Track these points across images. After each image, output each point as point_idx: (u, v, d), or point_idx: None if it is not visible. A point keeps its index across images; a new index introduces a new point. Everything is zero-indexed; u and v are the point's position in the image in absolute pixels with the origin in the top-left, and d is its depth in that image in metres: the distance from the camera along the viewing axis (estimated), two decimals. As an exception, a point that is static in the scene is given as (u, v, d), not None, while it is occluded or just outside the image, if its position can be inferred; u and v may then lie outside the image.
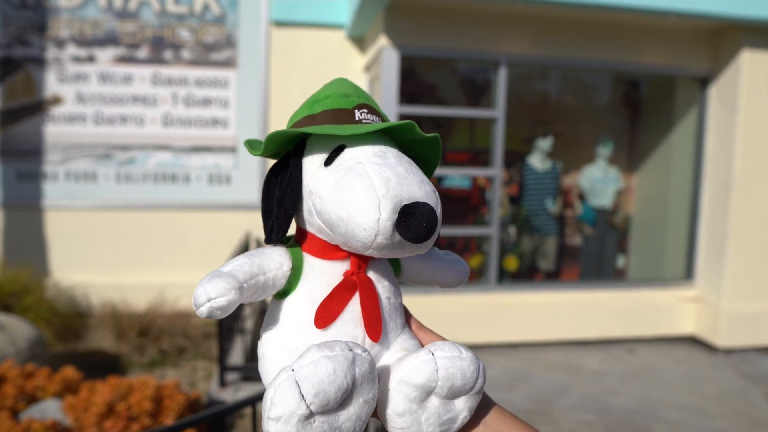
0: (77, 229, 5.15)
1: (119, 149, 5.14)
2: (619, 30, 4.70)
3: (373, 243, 0.53)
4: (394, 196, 0.52)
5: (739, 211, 4.71)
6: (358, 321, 0.59)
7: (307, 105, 0.64)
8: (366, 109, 0.62)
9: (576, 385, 4.04)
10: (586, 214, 5.68)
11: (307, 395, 0.46)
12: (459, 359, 0.54)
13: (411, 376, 0.53)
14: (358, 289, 0.59)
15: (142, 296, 4.80)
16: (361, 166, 0.55)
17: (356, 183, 0.54)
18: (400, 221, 0.52)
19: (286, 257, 0.60)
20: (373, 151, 0.58)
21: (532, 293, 4.91)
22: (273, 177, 0.62)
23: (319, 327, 0.57)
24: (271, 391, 0.47)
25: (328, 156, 0.59)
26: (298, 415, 0.46)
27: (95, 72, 5.07)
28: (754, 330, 4.77)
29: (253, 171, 5.31)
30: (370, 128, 0.57)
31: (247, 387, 3.49)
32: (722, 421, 3.54)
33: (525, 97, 6.08)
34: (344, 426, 0.50)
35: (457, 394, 0.54)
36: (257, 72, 5.24)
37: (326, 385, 0.47)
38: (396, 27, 4.36)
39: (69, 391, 2.95)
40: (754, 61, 4.61)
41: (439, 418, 0.54)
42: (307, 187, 0.59)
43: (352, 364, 0.49)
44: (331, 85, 0.65)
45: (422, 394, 0.53)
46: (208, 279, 0.54)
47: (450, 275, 0.73)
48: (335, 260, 0.60)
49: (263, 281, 0.58)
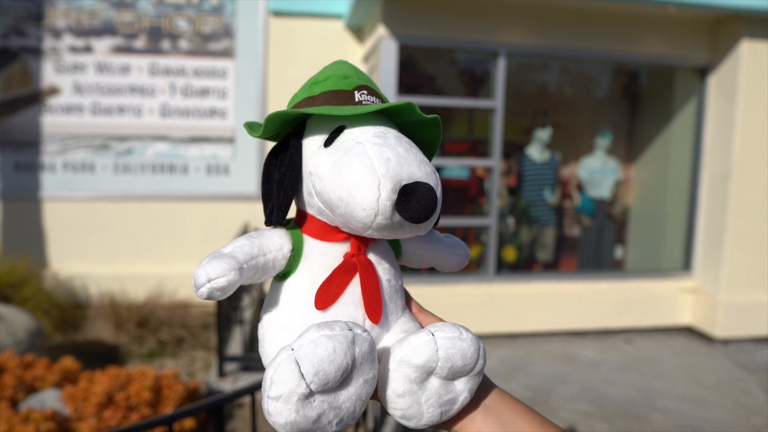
0: (75, 219, 5.14)
1: (117, 140, 5.13)
2: (618, 20, 4.68)
3: (373, 223, 0.53)
4: (393, 176, 0.52)
5: (738, 202, 4.71)
6: (359, 303, 0.59)
7: (307, 86, 0.64)
8: (366, 91, 0.61)
9: (574, 374, 4.06)
10: (585, 205, 5.69)
11: (307, 374, 0.46)
12: (459, 340, 0.54)
13: (411, 357, 0.53)
14: (358, 270, 0.59)
15: (140, 287, 4.81)
16: (361, 146, 0.55)
17: (356, 163, 0.53)
18: (399, 201, 0.52)
19: (286, 239, 0.60)
20: (373, 131, 0.57)
21: (531, 284, 4.92)
22: (272, 159, 0.62)
23: (319, 308, 0.57)
24: (270, 370, 0.47)
25: (327, 137, 0.58)
26: (297, 394, 0.46)
27: (92, 62, 5.04)
28: (751, 320, 4.79)
29: (252, 161, 5.30)
30: (369, 108, 0.57)
31: (246, 377, 3.50)
32: (719, 411, 3.56)
33: (524, 87, 6.06)
34: (344, 405, 0.50)
35: (457, 375, 0.54)
36: (255, 62, 5.22)
37: (326, 364, 0.47)
38: (395, 17, 4.34)
39: (68, 381, 2.95)
40: (753, 51, 4.59)
41: (439, 399, 0.54)
42: (306, 168, 0.59)
43: (351, 343, 0.49)
44: (331, 67, 0.64)
45: (422, 374, 0.53)
46: (208, 260, 0.54)
47: (451, 258, 0.73)
48: (335, 242, 0.60)
49: (263, 262, 0.58)
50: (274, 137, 0.65)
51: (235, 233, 5.14)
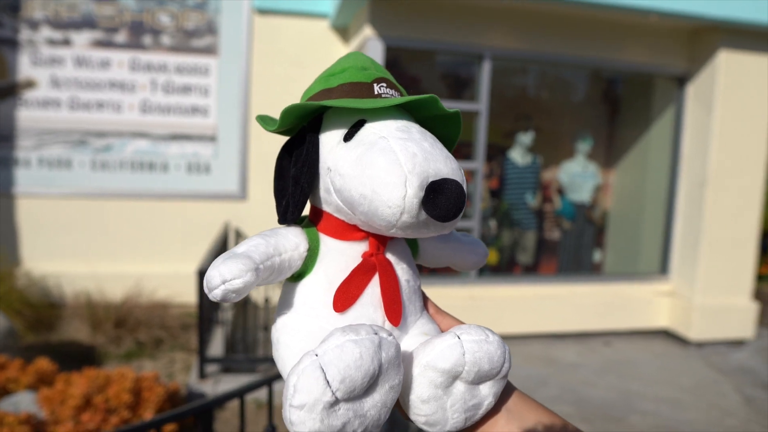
0: (50, 217, 5.02)
1: (95, 136, 5.02)
2: (601, 27, 4.74)
3: (398, 222, 0.51)
4: (420, 173, 0.50)
5: (714, 208, 4.81)
6: (378, 304, 0.57)
7: (323, 79, 0.61)
8: (385, 83, 0.59)
9: (554, 376, 4.10)
10: (565, 209, 5.75)
11: (333, 381, 0.44)
12: (486, 343, 0.52)
13: (437, 361, 0.51)
14: (377, 271, 0.57)
15: (118, 286, 4.72)
16: (385, 141, 0.52)
17: (380, 158, 0.51)
18: (427, 198, 0.50)
19: (302, 238, 0.58)
20: (395, 125, 0.55)
21: (512, 286, 4.96)
22: (286, 154, 0.60)
23: (337, 310, 0.55)
24: (293, 377, 0.44)
25: (347, 131, 0.56)
26: (323, 403, 0.44)
27: (71, 55, 4.93)
28: (725, 323, 4.89)
29: (234, 161, 5.23)
30: (392, 102, 0.54)
31: (227, 378, 3.45)
32: (695, 412, 3.62)
33: (507, 91, 6.10)
34: (369, 413, 0.47)
35: (483, 379, 0.52)
36: (239, 60, 5.16)
37: (352, 371, 0.45)
38: (381, 17, 4.33)
39: (43, 383, 2.88)
40: (730, 61, 4.69)
41: (464, 404, 0.52)
42: (325, 164, 0.56)
43: (378, 348, 0.47)
44: (348, 59, 0.62)
45: (448, 379, 0.51)
46: (222, 260, 0.51)
47: (470, 257, 0.71)
48: (353, 241, 0.58)
49: (279, 262, 0.55)
50: (288, 132, 0.62)
51: (217, 233, 5.08)
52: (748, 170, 4.86)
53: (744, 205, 4.89)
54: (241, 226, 5.24)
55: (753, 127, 4.82)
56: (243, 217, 5.28)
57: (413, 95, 0.57)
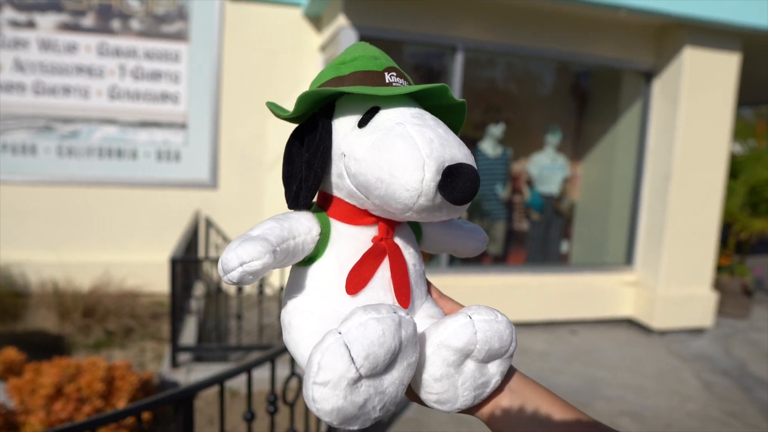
0: (14, 204, 4.88)
1: (61, 122, 4.90)
2: (571, 22, 4.83)
3: (415, 204, 0.52)
4: (437, 157, 0.51)
5: (677, 201, 4.96)
6: (388, 287, 0.58)
7: (333, 67, 0.62)
8: (395, 73, 0.61)
9: (522, 365, 4.19)
10: (534, 200, 5.85)
11: (357, 358, 0.45)
12: (495, 322, 0.54)
13: (450, 340, 0.52)
14: (387, 254, 0.59)
15: (86, 275, 4.63)
16: (402, 126, 0.54)
17: (399, 143, 0.52)
18: (444, 182, 0.51)
19: (314, 222, 0.59)
20: (410, 112, 0.57)
21: (481, 276, 5.04)
22: (296, 141, 0.61)
23: (350, 293, 0.57)
24: (317, 355, 0.46)
25: (361, 118, 0.57)
26: (347, 379, 0.45)
27: (35, 38, 4.79)
28: (686, 313, 5.07)
29: (204, 148, 5.17)
30: (407, 89, 0.56)
31: (199, 367, 3.44)
32: (658, 398, 3.76)
33: (477, 83, 6.16)
34: (388, 390, 0.49)
35: (493, 357, 0.54)
36: (210, 47, 5.09)
37: (375, 347, 0.46)
38: (355, 7, 4.32)
39: (11, 373, 2.82)
40: (695, 58, 4.83)
41: (474, 382, 0.54)
42: (338, 149, 0.58)
43: (398, 326, 0.48)
44: (357, 48, 0.63)
45: (460, 357, 0.53)
46: (238, 242, 0.52)
47: (471, 243, 0.73)
48: (363, 225, 0.59)
49: (293, 246, 0.56)
50: (296, 119, 0.63)
51: (187, 222, 5.02)
52: (710, 165, 5.03)
53: (706, 199, 5.06)
54: (212, 214, 5.19)
55: (716, 123, 4.98)
56: (214, 205, 5.23)
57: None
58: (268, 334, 4.03)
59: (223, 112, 5.16)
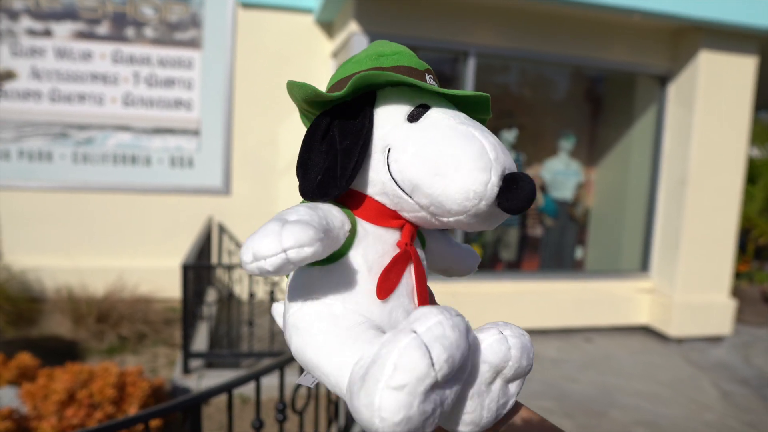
0: (31, 210, 4.94)
1: (76, 128, 4.95)
2: (585, 26, 4.79)
3: (474, 208, 0.50)
4: (502, 162, 0.50)
5: (693, 206, 4.89)
6: (411, 294, 0.55)
7: (371, 57, 0.59)
8: (432, 75, 0.59)
9: (536, 372, 4.14)
10: (548, 206, 5.81)
11: (438, 360, 0.40)
12: (523, 337, 0.51)
13: (486, 354, 0.48)
14: (412, 260, 0.56)
15: (99, 281, 4.67)
16: (465, 126, 0.52)
17: (467, 144, 0.50)
18: (508, 189, 0.49)
19: (344, 216, 0.54)
20: (462, 116, 0.55)
21: (494, 282, 5.00)
22: (323, 126, 0.56)
23: (381, 297, 0.52)
24: (393, 355, 0.39)
25: (411, 112, 0.55)
26: (425, 384, 0.39)
27: (52, 47, 4.85)
28: (703, 320, 4.99)
29: (217, 154, 5.20)
30: (464, 92, 0.55)
31: (211, 374, 3.44)
32: (674, 407, 3.69)
33: (490, 89, 6.13)
34: (447, 401, 0.43)
35: (518, 375, 0.51)
36: (222, 53, 5.12)
37: (454, 350, 0.41)
38: (367, 13, 4.33)
39: (25, 378, 2.85)
40: (711, 62, 4.77)
41: (497, 401, 0.50)
42: (381, 142, 0.54)
43: (467, 330, 0.44)
44: (390, 44, 0.60)
45: (492, 375, 0.49)
46: (279, 227, 0.45)
47: (469, 261, 0.72)
48: (389, 227, 0.56)
49: (332, 238, 0.50)
50: (314, 104, 0.60)
51: (200, 228, 5.04)
52: (727, 169, 4.95)
53: (723, 204, 4.98)
54: (225, 220, 5.21)
55: (732, 127, 4.91)
56: (226, 211, 5.25)
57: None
58: (279, 341, 4.03)
59: (236, 119, 5.19)
